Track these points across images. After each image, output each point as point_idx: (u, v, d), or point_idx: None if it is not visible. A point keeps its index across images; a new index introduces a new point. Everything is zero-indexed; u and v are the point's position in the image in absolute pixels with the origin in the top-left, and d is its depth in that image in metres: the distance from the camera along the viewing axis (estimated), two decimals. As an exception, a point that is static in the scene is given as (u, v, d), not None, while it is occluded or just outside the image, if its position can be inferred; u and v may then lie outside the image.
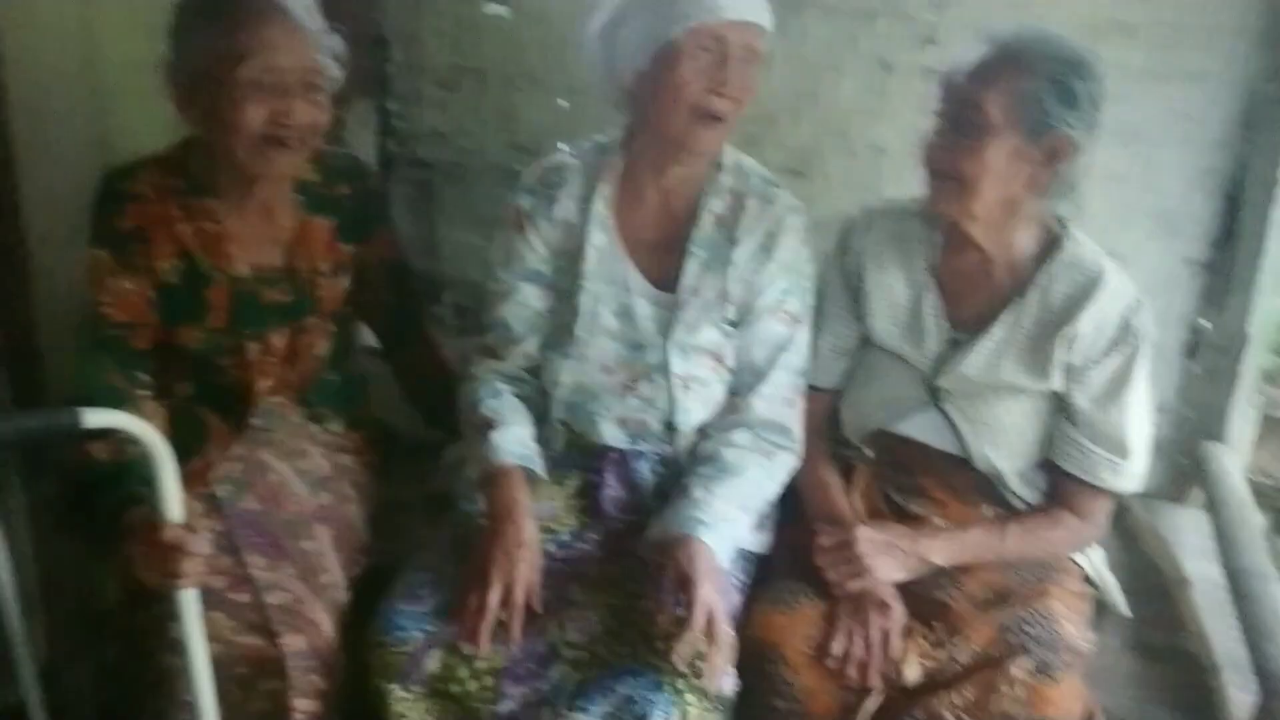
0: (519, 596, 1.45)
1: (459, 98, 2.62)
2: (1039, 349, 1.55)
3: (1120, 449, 1.55)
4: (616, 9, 1.56)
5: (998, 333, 1.57)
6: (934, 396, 1.61)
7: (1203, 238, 2.21)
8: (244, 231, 1.62)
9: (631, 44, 1.54)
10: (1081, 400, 1.55)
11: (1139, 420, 1.56)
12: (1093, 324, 1.52)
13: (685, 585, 1.41)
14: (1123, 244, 1.93)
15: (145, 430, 1.21)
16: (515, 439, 1.57)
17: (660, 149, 1.60)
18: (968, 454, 1.60)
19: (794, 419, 1.62)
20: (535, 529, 1.52)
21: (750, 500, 1.55)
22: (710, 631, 1.39)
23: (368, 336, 2.06)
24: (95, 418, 1.15)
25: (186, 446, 1.59)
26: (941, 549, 1.55)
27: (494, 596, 1.44)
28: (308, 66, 1.51)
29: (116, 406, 1.27)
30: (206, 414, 1.66)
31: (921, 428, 1.63)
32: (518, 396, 1.66)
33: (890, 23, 2.23)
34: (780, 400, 1.61)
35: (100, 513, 1.47)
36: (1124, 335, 1.52)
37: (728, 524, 1.50)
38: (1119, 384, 1.53)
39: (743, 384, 1.63)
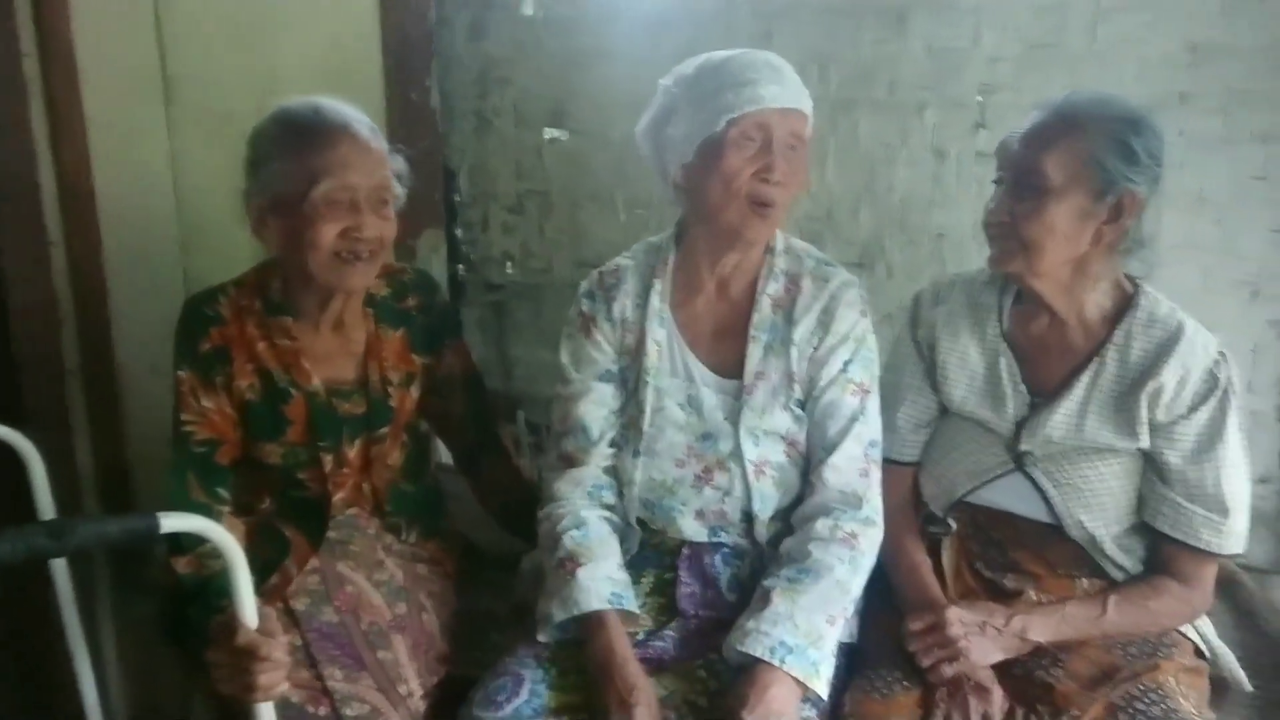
0: None
1: (525, 220, 2.71)
2: (1123, 407, 1.50)
3: (1218, 506, 1.47)
4: (661, 108, 1.61)
5: (1078, 392, 1.53)
6: (1018, 461, 1.57)
7: (1287, 298, 2.14)
8: (319, 347, 1.67)
9: (678, 140, 1.57)
10: (1173, 458, 1.49)
11: (1236, 476, 1.48)
12: (1175, 378, 1.48)
13: None
14: (1205, 312, 1.87)
15: (220, 534, 1.23)
16: (603, 576, 1.53)
17: (714, 239, 1.62)
18: (1058, 520, 1.54)
19: (870, 489, 1.58)
20: (639, 669, 1.46)
21: (836, 606, 1.48)
22: None
23: (446, 454, 2.09)
24: (171, 522, 1.17)
25: (267, 562, 1.63)
26: (1040, 625, 1.47)
27: None
28: (376, 183, 1.58)
29: (200, 520, 1.29)
30: (286, 529, 1.68)
31: (1008, 495, 1.58)
32: (602, 512, 1.64)
33: (940, 111, 2.27)
34: (854, 470, 1.57)
35: (184, 628, 1.49)
36: (1210, 388, 1.47)
37: (814, 645, 1.43)
38: (1210, 439, 1.47)
39: (815, 460, 1.60)
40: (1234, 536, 1.49)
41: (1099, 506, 1.52)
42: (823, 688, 1.42)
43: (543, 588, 1.59)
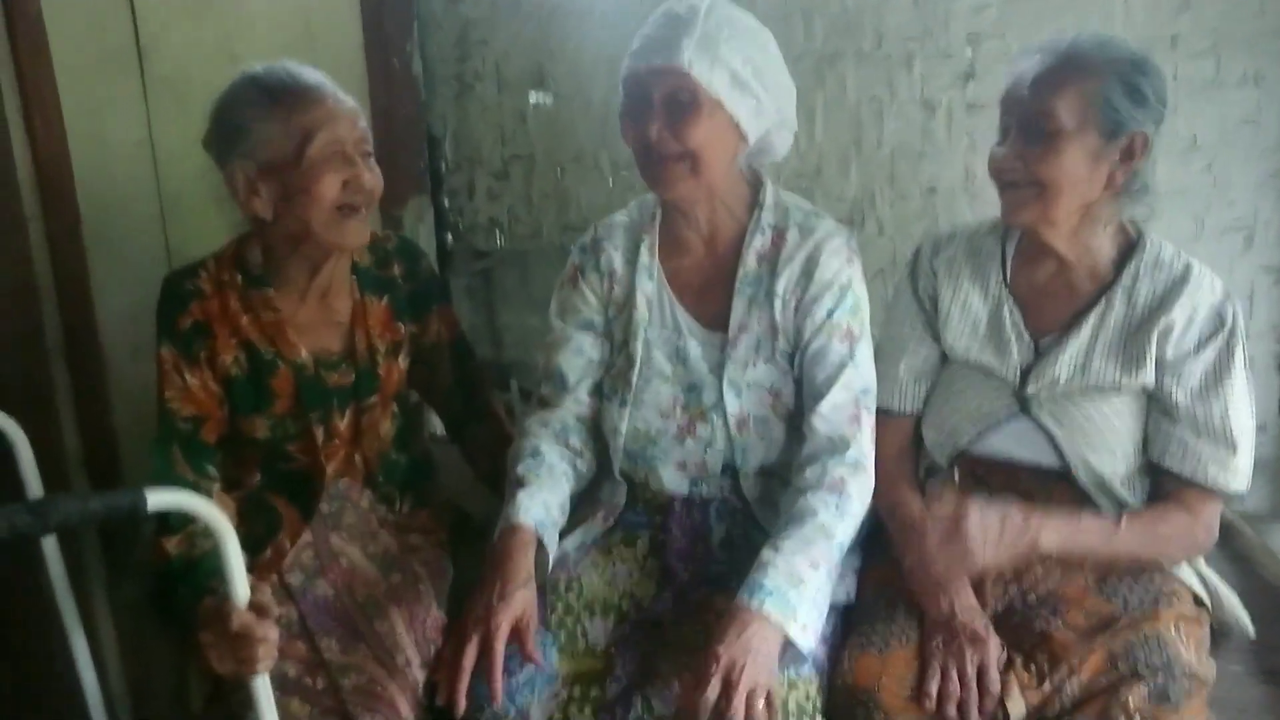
0: (498, 648, 1.38)
1: (510, 186, 2.68)
2: (1131, 345, 1.51)
3: (1226, 441, 1.47)
4: None
5: (1085, 333, 1.53)
6: (1024, 405, 1.57)
7: (1279, 244, 2.13)
8: (303, 318, 1.65)
9: None
10: (1180, 395, 1.49)
11: (1242, 413, 1.48)
12: (1185, 316, 1.49)
13: (729, 667, 1.33)
14: (1197, 259, 1.87)
15: (209, 510, 1.22)
16: (539, 502, 1.54)
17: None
18: (1065, 461, 1.53)
19: (859, 434, 1.55)
20: (528, 586, 1.45)
21: (819, 550, 1.45)
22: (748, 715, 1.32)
23: (439, 426, 2.08)
24: (158, 498, 1.16)
25: (259, 536, 1.62)
26: (1054, 531, 1.43)
27: (469, 653, 1.38)
28: (360, 135, 1.58)
29: (186, 498, 1.27)
30: (277, 502, 1.67)
31: (1012, 440, 1.57)
32: (564, 453, 1.65)
33: (928, 62, 2.24)
34: (843, 417, 1.55)
35: (176, 609, 1.48)
36: (1218, 326, 1.48)
37: (796, 588, 1.40)
38: (1218, 376, 1.48)
39: (806, 409, 1.59)
40: (1240, 475, 1.49)
41: (1105, 447, 1.52)
42: (800, 633, 1.39)
43: None
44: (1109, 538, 1.47)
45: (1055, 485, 1.55)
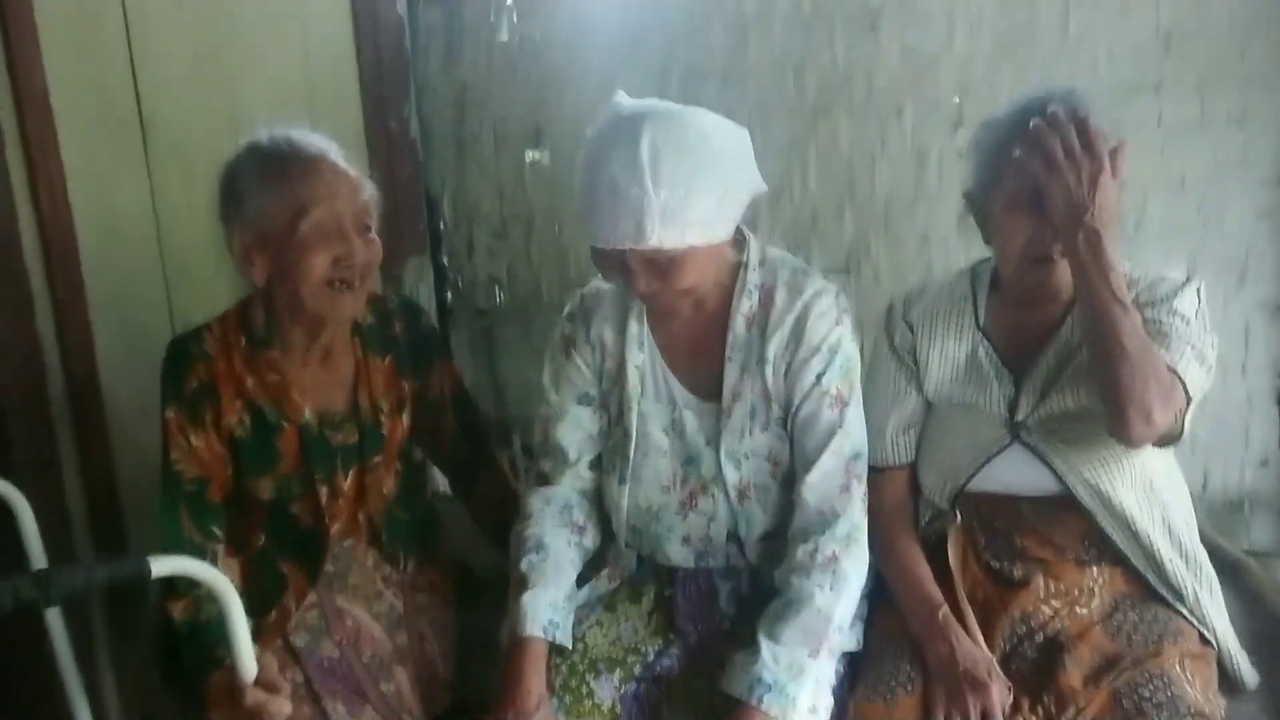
0: None
1: (509, 243, 2.72)
2: None
3: (1178, 338, 1.46)
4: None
5: (1060, 349, 1.55)
6: (1015, 432, 1.57)
7: (1274, 279, 2.15)
8: (307, 378, 1.66)
9: None
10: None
11: (1199, 328, 1.48)
12: (1143, 284, 1.53)
13: None
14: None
15: (213, 576, 1.21)
16: (545, 603, 1.51)
17: None
18: (1065, 486, 1.52)
19: (850, 505, 1.52)
20: (541, 710, 1.45)
21: (818, 638, 1.44)
22: None
23: (442, 483, 2.08)
24: (162, 564, 1.16)
25: (264, 598, 1.62)
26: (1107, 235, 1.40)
27: None
28: (359, 208, 1.58)
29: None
30: (282, 564, 1.67)
31: (1011, 471, 1.56)
32: (568, 536, 1.62)
33: (918, 112, 2.28)
34: (833, 487, 1.51)
35: (181, 674, 1.47)
36: (1175, 285, 1.52)
37: (794, 680, 1.40)
38: (1171, 306, 1.49)
39: (797, 477, 1.55)
40: (1192, 372, 1.45)
41: (1100, 462, 1.51)
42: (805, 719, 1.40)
43: None
44: (1123, 309, 1.39)
45: (1061, 514, 1.54)
